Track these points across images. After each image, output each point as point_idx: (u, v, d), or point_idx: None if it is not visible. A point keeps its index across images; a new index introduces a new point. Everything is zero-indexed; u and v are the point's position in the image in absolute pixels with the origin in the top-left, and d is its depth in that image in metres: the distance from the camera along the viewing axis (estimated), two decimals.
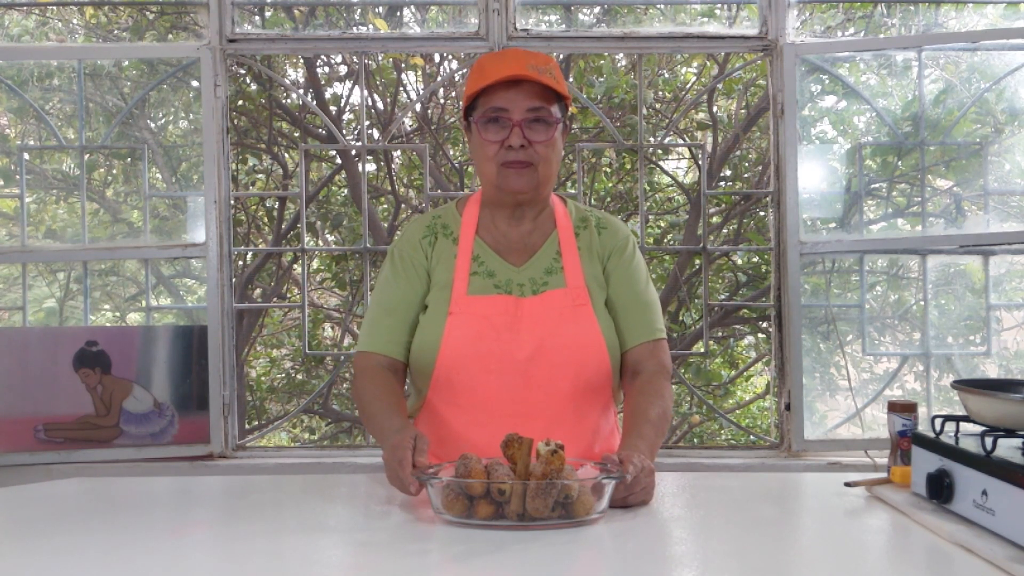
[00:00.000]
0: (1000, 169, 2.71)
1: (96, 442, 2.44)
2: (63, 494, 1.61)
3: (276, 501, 1.52)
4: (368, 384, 1.65)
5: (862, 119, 3.26)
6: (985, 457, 1.24)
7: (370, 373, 1.67)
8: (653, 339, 1.70)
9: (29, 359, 2.41)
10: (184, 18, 3.48)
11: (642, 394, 1.64)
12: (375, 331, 1.70)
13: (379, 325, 1.70)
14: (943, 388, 2.78)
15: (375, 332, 1.70)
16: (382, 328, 1.69)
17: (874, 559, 1.23)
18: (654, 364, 1.68)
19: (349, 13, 3.57)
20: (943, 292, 2.89)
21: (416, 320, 1.69)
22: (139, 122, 3.17)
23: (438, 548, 1.24)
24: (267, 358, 4.33)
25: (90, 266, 2.71)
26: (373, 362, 1.68)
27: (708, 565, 1.17)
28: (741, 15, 3.03)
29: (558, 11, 3.31)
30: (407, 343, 1.69)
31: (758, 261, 3.91)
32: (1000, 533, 1.19)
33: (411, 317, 1.69)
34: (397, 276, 1.72)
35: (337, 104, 3.88)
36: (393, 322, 1.69)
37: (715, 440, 4.04)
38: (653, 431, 1.56)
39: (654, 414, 1.59)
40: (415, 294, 1.70)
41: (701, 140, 3.90)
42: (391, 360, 1.68)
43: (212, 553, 1.26)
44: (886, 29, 3.20)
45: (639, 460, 1.41)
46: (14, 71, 2.68)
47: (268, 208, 4.04)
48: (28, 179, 2.92)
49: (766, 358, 4.05)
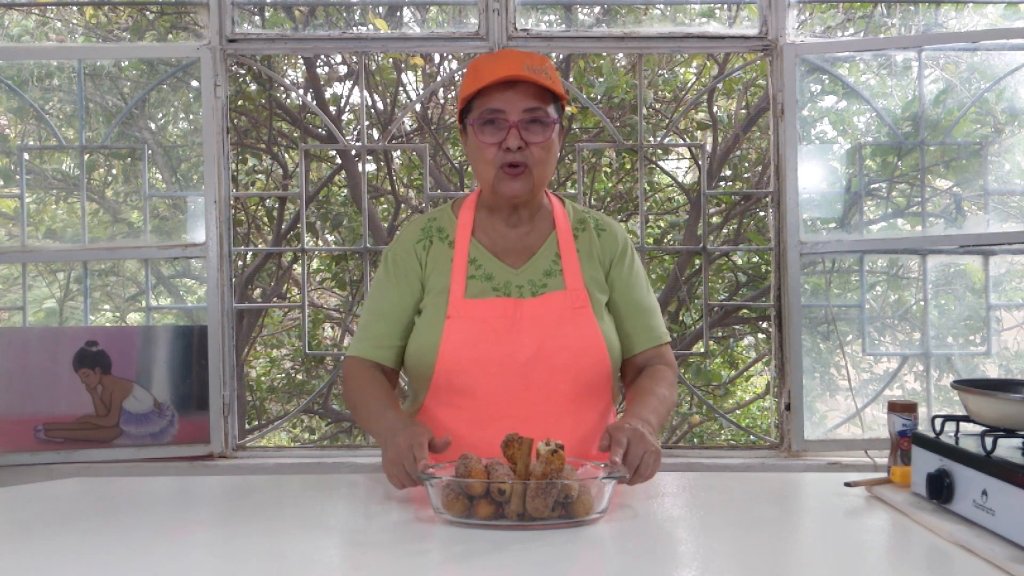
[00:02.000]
0: (1000, 169, 2.71)
1: (96, 442, 2.44)
2: (63, 494, 1.61)
3: (276, 501, 1.52)
4: (360, 385, 1.66)
5: (862, 119, 3.26)
6: (985, 457, 1.24)
7: (361, 376, 1.68)
8: (658, 344, 1.72)
9: (29, 359, 2.41)
10: (184, 18, 3.48)
11: (647, 377, 1.67)
12: (365, 336, 1.71)
13: (369, 331, 1.71)
14: (943, 388, 2.78)
15: (365, 337, 1.71)
16: (372, 334, 1.70)
17: (874, 559, 1.23)
18: (660, 362, 1.72)
19: (349, 13, 3.57)
20: (943, 292, 2.89)
21: (408, 325, 1.69)
22: (139, 122, 3.16)
23: (438, 548, 1.24)
24: (267, 358, 4.33)
25: (90, 266, 2.71)
26: (362, 366, 1.69)
27: (708, 565, 1.17)
28: (741, 15, 3.03)
29: (558, 11, 3.31)
30: (397, 348, 1.69)
31: (758, 261, 3.91)
32: (1000, 533, 1.19)
33: (403, 323, 1.69)
34: (390, 281, 1.72)
35: (337, 104, 3.88)
36: (383, 328, 1.69)
37: (715, 440, 4.04)
38: (657, 401, 1.58)
39: (659, 390, 1.62)
40: (407, 300, 1.70)
41: (701, 140, 3.90)
42: (380, 366, 1.70)
43: (212, 553, 1.26)
44: (886, 29, 3.20)
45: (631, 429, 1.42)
46: (14, 71, 2.68)
47: (268, 208, 4.04)
48: (28, 179, 2.92)
49: (766, 358, 4.05)
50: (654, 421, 1.53)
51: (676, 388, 1.70)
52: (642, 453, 1.40)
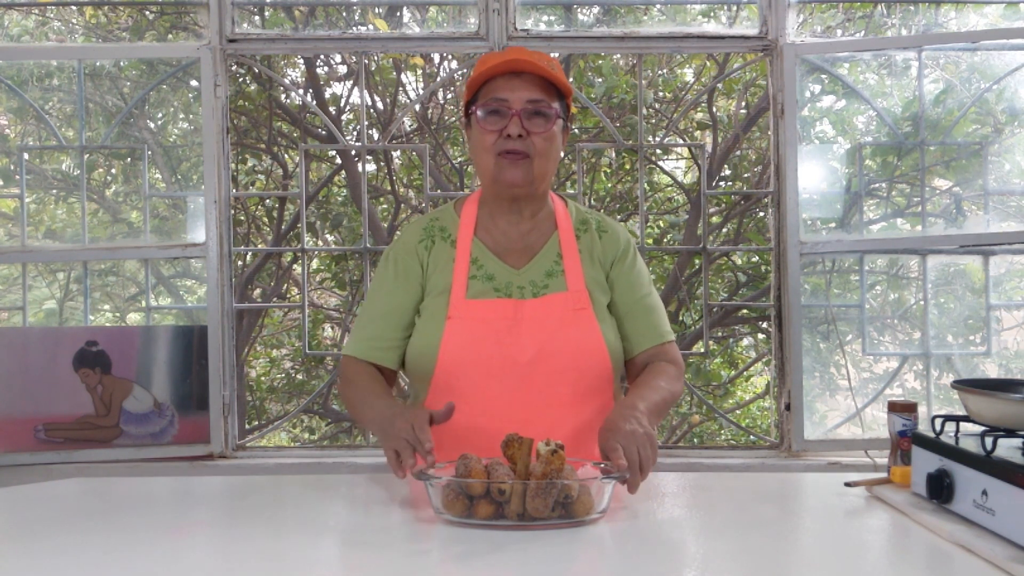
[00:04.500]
0: (1000, 169, 2.71)
1: (96, 442, 2.44)
2: (63, 494, 1.61)
3: (276, 501, 1.52)
4: (355, 381, 1.67)
5: (862, 119, 3.26)
6: (985, 457, 1.24)
7: (356, 374, 1.68)
8: (662, 343, 1.72)
9: (29, 359, 2.41)
10: (184, 18, 3.48)
11: (647, 372, 1.67)
12: (362, 336, 1.70)
13: (367, 331, 1.70)
14: (943, 388, 2.78)
15: (362, 338, 1.70)
16: (369, 334, 1.70)
17: (874, 559, 1.23)
18: (663, 359, 1.71)
19: (349, 13, 3.57)
20: (943, 292, 2.89)
21: (406, 327, 1.69)
22: (139, 122, 3.16)
23: (438, 548, 1.24)
24: (267, 358, 4.33)
25: (90, 266, 2.71)
26: (358, 366, 1.69)
27: (708, 565, 1.17)
28: (741, 15, 3.03)
29: (558, 11, 3.31)
30: (395, 349, 1.69)
31: (758, 261, 3.91)
32: (1000, 533, 1.19)
33: (402, 324, 1.69)
34: (390, 281, 1.71)
35: (337, 104, 3.88)
36: (381, 328, 1.69)
37: (715, 440, 4.04)
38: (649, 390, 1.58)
39: (656, 382, 1.62)
40: (406, 301, 1.69)
41: (701, 140, 3.90)
42: (376, 367, 1.69)
43: (212, 553, 1.26)
44: (886, 29, 3.20)
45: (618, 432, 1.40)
46: (14, 71, 2.68)
47: (268, 208, 4.04)
48: (28, 179, 2.92)
49: (766, 358, 4.05)
50: (642, 407, 1.50)
51: (680, 381, 1.69)
52: (636, 449, 1.38)
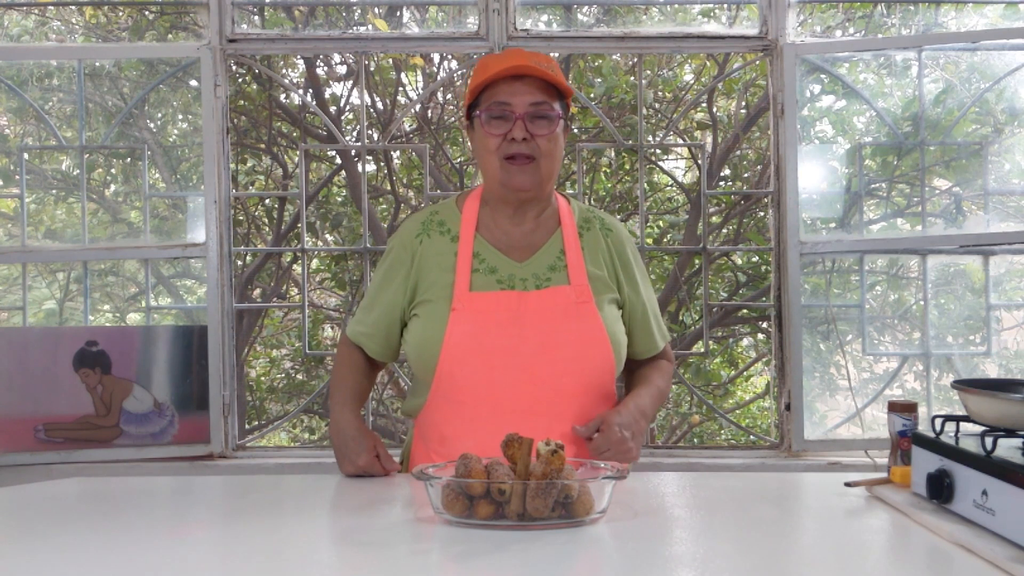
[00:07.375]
0: (1000, 169, 2.71)
1: (96, 442, 2.44)
2: (63, 494, 1.61)
3: (276, 501, 1.52)
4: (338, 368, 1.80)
5: (862, 119, 3.26)
6: (985, 457, 1.24)
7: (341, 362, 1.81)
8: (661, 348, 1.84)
9: (29, 359, 2.41)
10: (184, 18, 3.48)
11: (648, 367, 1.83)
12: (360, 320, 1.80)
13: (360, 315, 1.80)
14: (943, 388, 2.78)
15: (359, 321, 1.80)
16: (359, 318, 1.81)
17: (874, 559, 1.23)
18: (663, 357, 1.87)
19: (349, 13, 3.57)
20: (943, 292, 2.89)
21: (390, 324, 1.75)
22: (139, 122, 3.16)
23: (438, 548, 1.24)
24: (267, 358, 4.33)
25: (90, 266, 2.71)
26: (350, 350, 1.81)
27: (708, 565, 1.17)
28: (741, 15, 3.03)
29: (558, 11, 3.31)
30: (374, 337, 1.77)
31: (758, 261, 3.91)
32: (1000, 533, 1.19)
33: (387, 320, 1.75)
34: (386, 275, 1.76)
35: (337, 104, 3.88)
36: (372, 318, 1.77)
37: (715, 440, 4.04)
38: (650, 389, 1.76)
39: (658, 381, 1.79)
40: (390, 296, 1.74)
41: (701, 140, 3.90)
42: (364, 354, 1.80)
43: (212, 553, 1.26)
44: (886, 29, 3.20)
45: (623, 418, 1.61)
46: (14, 71, 2.68)
47: (268, 208, 4.04)
48: (28, 179, 2.92)
49: (766, 358, 4.05)
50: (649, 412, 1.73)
51: (671, 379, 1.88)
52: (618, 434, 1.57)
